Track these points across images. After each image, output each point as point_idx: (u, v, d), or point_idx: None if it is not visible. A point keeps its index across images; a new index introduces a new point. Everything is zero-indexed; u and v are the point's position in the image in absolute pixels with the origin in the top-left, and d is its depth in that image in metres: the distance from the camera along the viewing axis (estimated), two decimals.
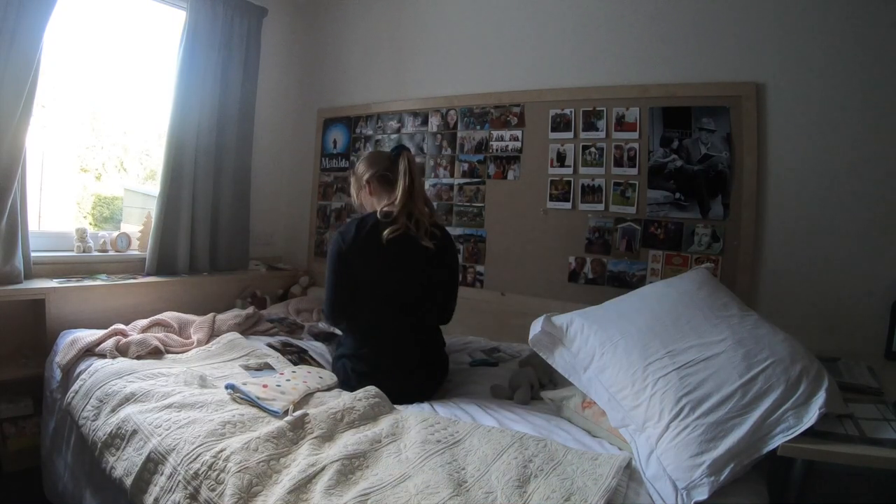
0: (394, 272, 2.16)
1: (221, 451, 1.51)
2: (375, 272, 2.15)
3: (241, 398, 1.88)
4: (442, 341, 2.36)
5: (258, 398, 1.85)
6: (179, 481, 1.49)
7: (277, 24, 3.86)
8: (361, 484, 1.42)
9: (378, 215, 2.17)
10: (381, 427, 1.72)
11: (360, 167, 2.37)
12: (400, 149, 2.29)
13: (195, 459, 1.51)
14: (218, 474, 1.44)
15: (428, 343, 2.28)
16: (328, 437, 1.66)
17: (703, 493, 1.37)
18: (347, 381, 2.15)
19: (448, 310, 2.37)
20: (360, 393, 1.91)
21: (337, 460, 1.49)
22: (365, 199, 2.37)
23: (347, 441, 1.61)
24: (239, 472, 1.41)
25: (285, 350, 2.56)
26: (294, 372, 2.20)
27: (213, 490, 1.42)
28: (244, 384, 1.94)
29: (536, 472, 1.48)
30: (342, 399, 1.88)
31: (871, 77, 2.23)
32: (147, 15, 3.39)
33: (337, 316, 2.25)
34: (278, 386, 1.98)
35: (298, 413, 1.72)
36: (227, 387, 1.94)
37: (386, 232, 2.10)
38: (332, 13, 3.96)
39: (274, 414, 1.79)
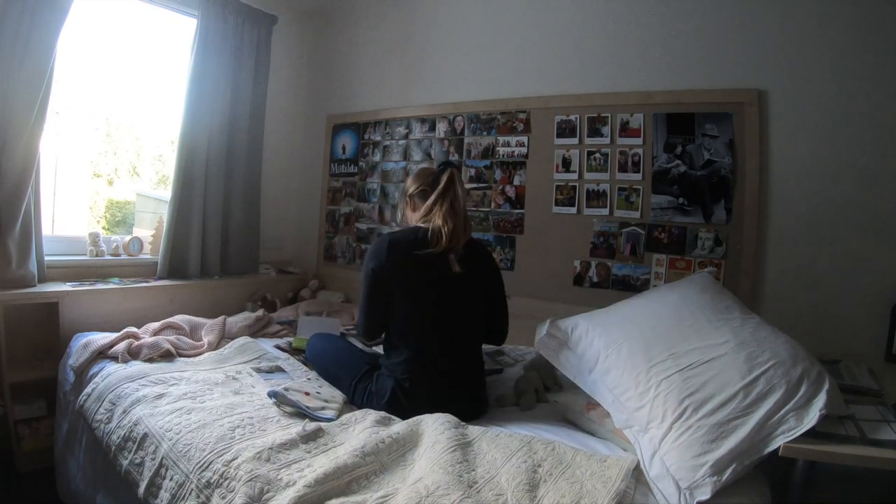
0: (428, 290, 2.04)
1: (233, 459, 1.52)
2: (409, 290, 2.02)
3: (290, 407, 1.88)
4: (481, 362, 2.20)
5: (308, 408, 1.87)
6: (192, 489, 1.51)
7: (287, 32, 3.90)
8: (375, 484, 1.45)
9: (414, 232, 2.06)
10: (396, 430, 1.72)
11: (408, 182, 2.27)
12: (446, 165, 2.17)
13: (207, 468, 1.53)
14: (229, 482, 1.46)
15: (466, 364, 2.11)
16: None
17: (705, 493, 1.39)
18: (380, 397, 2.01)
19: (498, 331, 2.26)
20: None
21: (351, 463, 1.50)
22: (408, 215, 2.27)
23: (364, 441, 1.62)
24: (250, 480, 1.42)
25: (294, 352, 2.60)
26: (318, 378, 2.24)
27: (224, 498, 1.43)
28: (287, 390, 1.94)
29: (546, 476, 1.50)
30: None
31: (873, 84, 2.24)
32: (159, 23, 3.45)
33: (371, 336, 2.18)
34: (318, 394, 2.00)
35: (313, 426, 1.73)
36: (270, 395, 1.95)
37: (420, 252, 2.00)
38: (340, 21, 4.01)
39: (328, 421, 1.81)
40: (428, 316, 2.04)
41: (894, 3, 2.19)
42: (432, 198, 2.10)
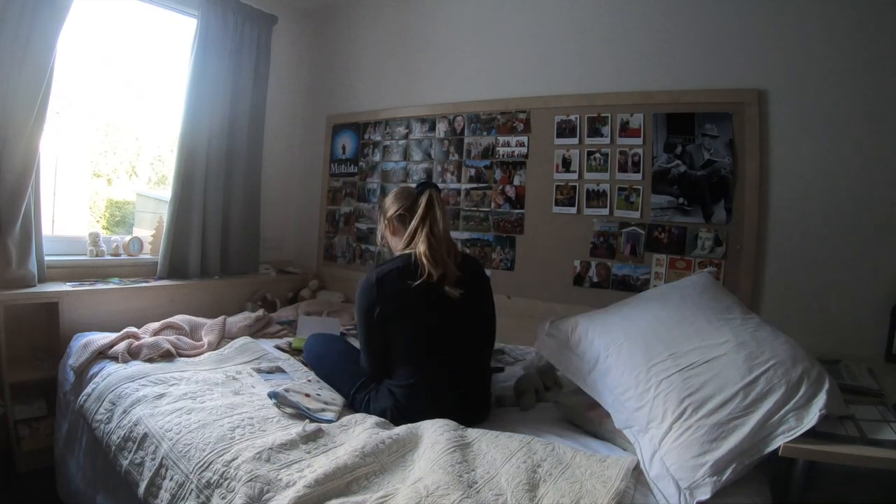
0: (427, 315, 1.96)
1: (233, 459, 1.53)
2: (407, 320, 1.95)
3: (290, 409, 1.88)
4: (488, 384, 2.14)
5: (308, 409, 1.87)
6: (192, 490, 1.51)
7: (287, 32, 3.91)
8: (375, 485, 1.45)
9: (400, 262, 1.99)
10: (396, 431, 1.72)
11: (386, 203, 2.19)
12: (424, 186, 2.08)
13: (207, 468, 1.53)
14: (229, 483, 1.46)
15: (471, 384, 2.04)
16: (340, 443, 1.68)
17: (705, 493, 1.39)
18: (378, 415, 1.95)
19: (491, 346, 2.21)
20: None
21: (351, 463, 1.50)
22: (389, 239, 2.20)
23: (364, 442, 1.62)
24: (250, 481, 1.42)
25: (293, 352, 2.60)
26: (319, 381, 2.23)
27: (224, 498, 1.43)
28: (287, 391, 1.94)
29: (546, 476, 1.50)
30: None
31: (873, 84, 2.24)
32: (159, 23, 3.45)
33: (380, 376, 2.04)
34: (318, 395, 2.00)
35: (313, 426, 1.73)
36: (270, 395, 1.94)
37: (413, 281, 1.92)
38: (340, 21, 4.01)
39: (329, 422, 1.81)
40: (430, 341, 1.98)
41: (894, 3, 2.19)
42: (413, 224, 2.03)
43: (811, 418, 1.44)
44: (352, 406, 2.04)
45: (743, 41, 2.49)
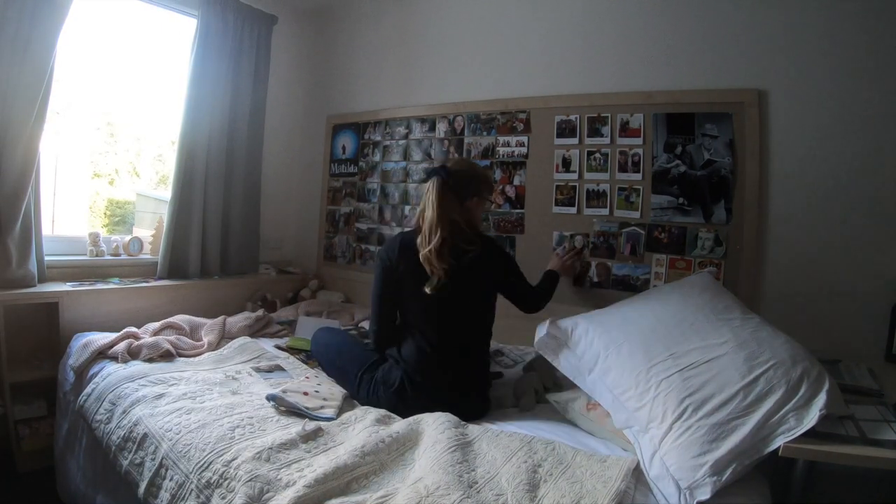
0: (422, 291, 2.08)
1: (233, 459, 1.53)
2: (416, 287, 2.08)
3: (288, 409, 1.89)
4: (485, 363, 2.26)
5: (307, 408, 1.88)
6: (192, 490, 1.52)
7: (287, 32, 3.90)
8: (375, 484, 1.45)
9: (415, 233, 2.16)
10: (396, 429, 1.73)
11: None
12: (431, 172, 2.22)
13: (207, 468, 1.53)
14: (229, 482, 1.46)
15: (470, 361, 2.16)
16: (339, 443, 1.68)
17: (705, 493, 1.40)
18: (388, 386, 2.07)
19: (528, 301, 2.40)
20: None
21: (351, 463, 1.50)
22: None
23: (364, 441, 1.63)
24: (250, 480, 1.43)
25: (292, 351, 2.61)
26: (317, 376, 2.24)
27: (224, 498, 1.44)
28: (284, 392, 1.95)
29: (546, 476, 1.50)
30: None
31: (873, 83, 2.24)
32: (159, 23, 3.45)
33: (383, 343, 2.22)
34: (317, 392, 2.01)
35: (313, 425, 1.73)
36: (268, 398, 1.95)
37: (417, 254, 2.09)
38: (340, 21, 4.01)
39: (327, 420, 1.82)
40: (431, 313, 2.12)
41: (894, 3, 2.19)
42: (420, 211, 2.19)
43: (811, 418, 1.45)
44: (358, 390, 2.12)
45: (743, 41, 2.48)
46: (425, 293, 2.06)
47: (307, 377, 2.22)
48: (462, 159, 2.22)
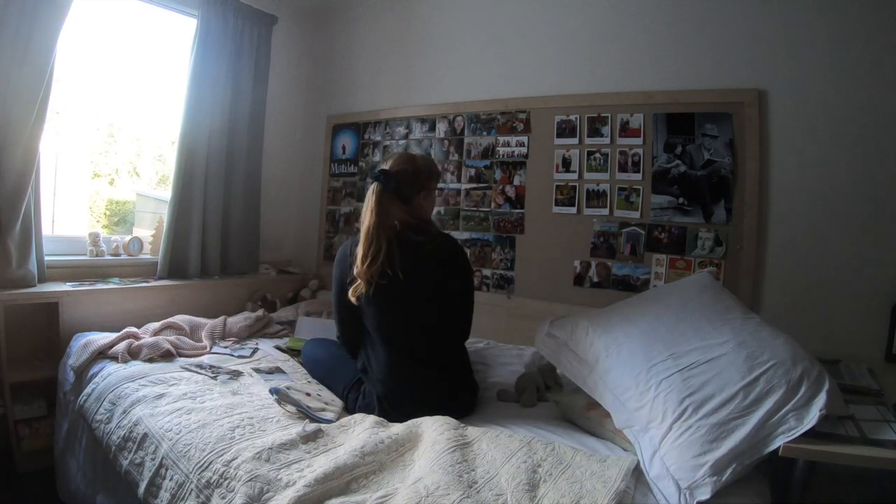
0: (372, 302, 2.01)
1: (233, 459, 1.53)
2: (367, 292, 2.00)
3: (291, 406, 1.88)
4: (456, 366, 2.14)
5: (309, 407, 1.87)
6: (192, 489, 1.51)
7: (287, 32, 3.90)
8: (375, 484, 1.45)
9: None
10: (396, 430, 1.72)
11: None
12: (374, 177, 2.10)
13: (207, 468, 1.53)
14: (229, 482, 1.46)
15: (435, 367, 2.06)
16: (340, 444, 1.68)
17: (705, 493, 1.39)
18: (369, 410, 1.98)
19: (459, 331, 2.18)
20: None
21: (350, 463, 1.50)
22: None
23: (364, 441, 1.62)
24: (250, 480, 1.42)
25: (291, 353, 2.61)
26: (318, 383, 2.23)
27: (224, 498, 1.43)
28: (288, 388, 1.94)
29: (546, 476, 1.50)
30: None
31: (873, 83, 2.24)
32: (159, 23, 3.44)
33: (350, 345, 2.19)
34: (319, 396, 2.01)
35: (313, 426, 1.73)
36: (271, 391, 1.94)
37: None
38: (341, 21, 4.01)
39: (327, 422, 1.81)
40: (383, 323, 2.04)
41: (894, 3, 2.19)
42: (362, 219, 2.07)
43: (811, 418, 1.44)
44: (345, 406, 2.07)
45: (743, 41, 2.49)
46: (380, 298, 1.98)
47: (309, 381, 2.22)
48: (401, 156, 2.09)
